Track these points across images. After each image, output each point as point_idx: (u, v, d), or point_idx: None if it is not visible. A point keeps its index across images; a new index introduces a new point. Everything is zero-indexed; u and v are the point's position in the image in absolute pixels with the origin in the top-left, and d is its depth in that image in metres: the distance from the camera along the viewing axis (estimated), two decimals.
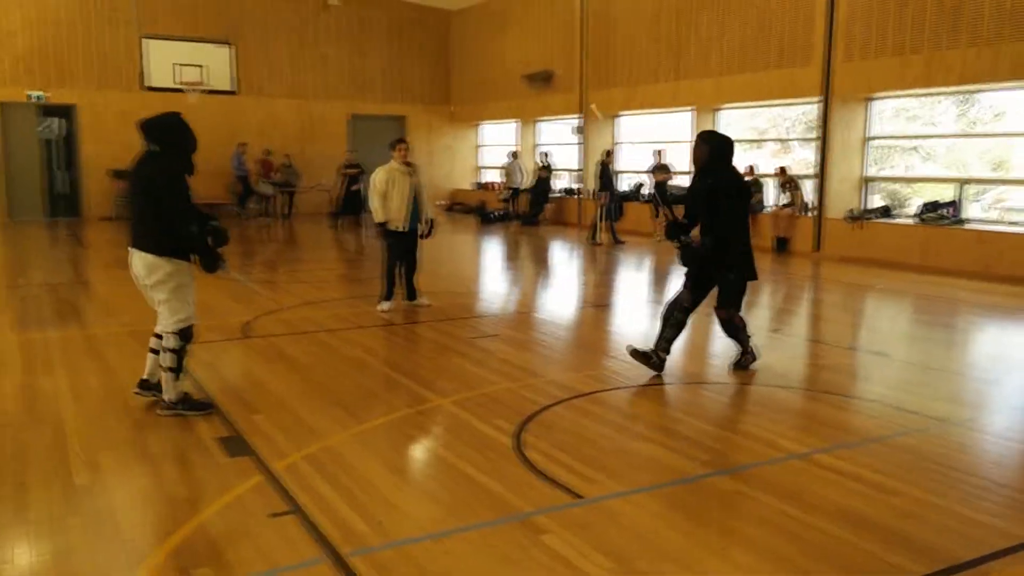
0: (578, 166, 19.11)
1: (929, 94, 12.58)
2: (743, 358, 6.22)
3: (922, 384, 6.00)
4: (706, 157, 5.93)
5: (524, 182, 19.77)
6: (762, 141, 16.48)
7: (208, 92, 17.73)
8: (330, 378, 6.00)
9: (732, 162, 6.07)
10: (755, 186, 14.26)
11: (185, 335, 5.01)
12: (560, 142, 20.31)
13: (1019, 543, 3.47)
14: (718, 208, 5.82)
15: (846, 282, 11.03)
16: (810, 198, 13.85)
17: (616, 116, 18.64)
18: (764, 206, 14.67)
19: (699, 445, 4.65)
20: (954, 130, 13.18)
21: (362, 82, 22.54)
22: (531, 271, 13.06)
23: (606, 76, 17.87)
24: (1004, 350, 7.46)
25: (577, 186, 19.44)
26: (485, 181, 23.96)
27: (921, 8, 11.66)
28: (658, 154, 15.86)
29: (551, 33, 19.63)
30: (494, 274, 12.84)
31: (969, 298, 9.73)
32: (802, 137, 15.45)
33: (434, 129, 23.72)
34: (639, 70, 16.94)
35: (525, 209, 19.53)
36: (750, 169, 14.58)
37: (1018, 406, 5.65)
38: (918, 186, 13.72)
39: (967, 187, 12.45)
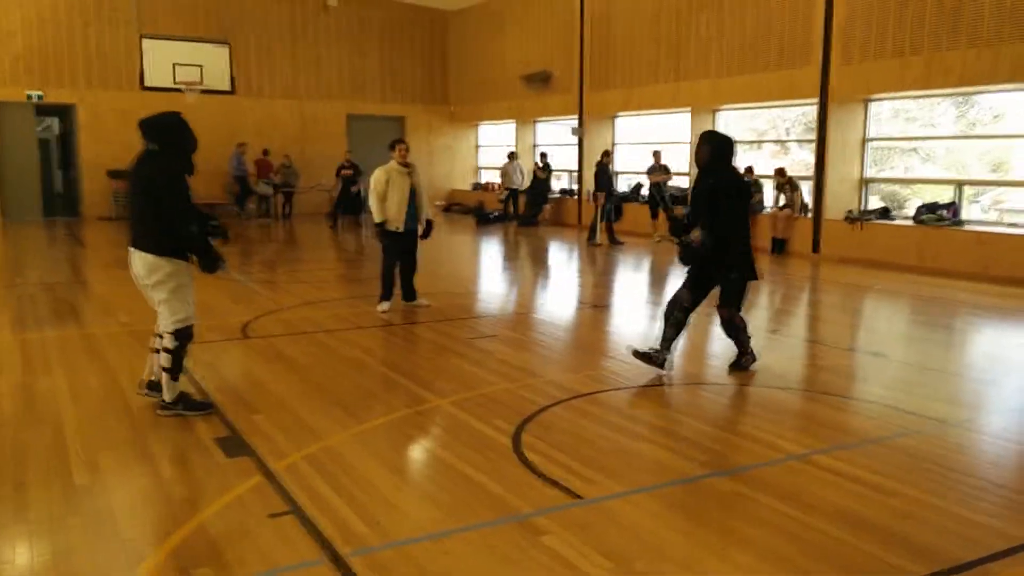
0: (576, 167, 19.12)
1: (928, 95, 12.59)
2: (742, 359, 6.23)
3: (920, 385, 6.01)
4: (707, 157, 5.95)
5: (523, 183, 19.78)
6: (761, 142, 16.49)
7: (206, 92, 17.72)
8: (329, 378, 6.01)
9: (733, 162, 6.10)
10: (754, 187, 14.27)
11: (183, 335, 5.00)
12: (558, 142, 20.32)
13: (1018, 544, 3.48)
14: (719, 208, 5.84)
15: (844, 283, 11.04)
16: (808, 199, 13.87)
17: (614, 117, 18.66)
18: (763, 207, 14.68)
19: (698, 446, 4.66)
20: (953, 131, 13.19)
21: (361, 82, 22.55)
22: (529, 272, 13.07)
23: (605, 77, 17.88)
24: (1002, 351, 7.47)
25: (575, 187, 19.46)
26: (484, 182, 23.98)
27: (920, 9, 11.67)
28: (656, 155, 15.87)
29: (550, 33, 19.64)
30: (493, 275, 12.84)
31: (967, 299, 9.75)
32: (801, 138, 15.48)
33: (433, 129, 23.73)
34: (638, 71, 16.95)
35: (523, 210, 19.54)
36: (749, 170, 14.58)
37: (1016, 407, 5.66)
38: (917, 187, 13.74)
39: (966, 188, 12.47)
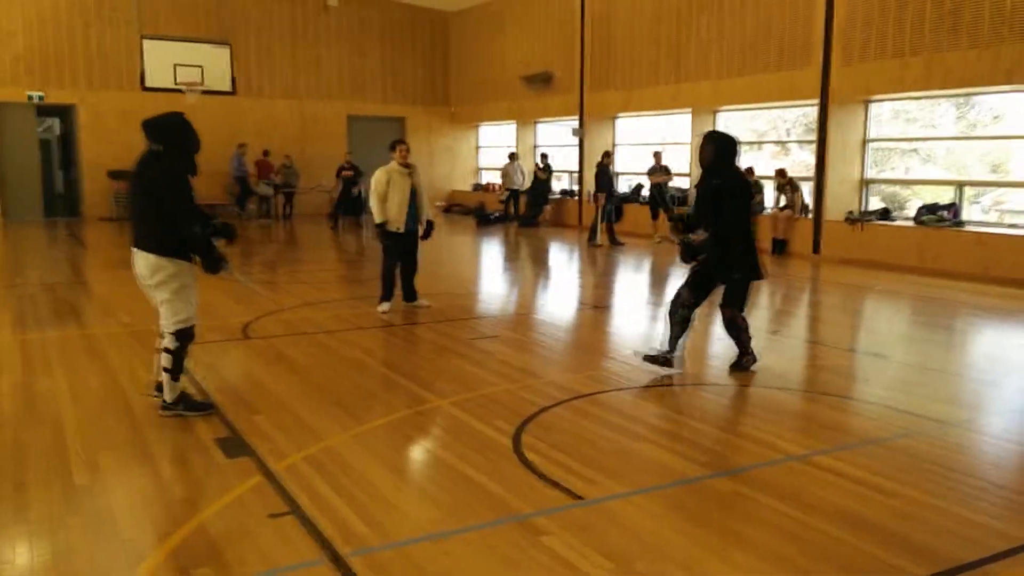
0: (577, 168, 19.12)
1: (928, 96, 12.59)
2: (743, 359, 6.23)
3: (921, 386, 6.01)
4: (711, 157, 5.96)
5: (523, 183, 19.78)
6: (761, 143, 16.49)
7: (207, 93, 17.72)
8: (330, 379, 6.00)
9: (737, 162, 6.11)
10: (755, 187, 14.25)
11: (185, 336, 4.99)
12: (559, 143, 20.33)
13: (1018, 544, 3.47)
14: (722, 208, 5.85)
15: (845, 284, 11.04)
16: (809, 200, 13.87)
17: (614, 117, 18.67)
18: (764, 208, 14.67)
19: (699, 446, 4.66)
20: (953, 132, 13.20)
21: (361, 83, 22.56)
22: (530, 272, 13.07)
23: (605, 78, 17.88)
24: (1002, 352, 7.47)
25: (575, 187, 19.46)
26: (484, 182, 23.98)
27: (920, 10, 11.67)
28: (657, 156, 15.87)
29: (550, 34, 19.65)
30: (493, 275, 12.84)
31: (968, 300, 9.74)
32: (801, 139, 15.48)
33: (433, 130, 23.74)
34: (638, 72, 16.95)
35: (524, 211, 19.54)
36: (749, 171, 14.56)
37: (1016, 408, 5.66)
38: (917, 188, 13.73)
39: (966, 189, 12.47)
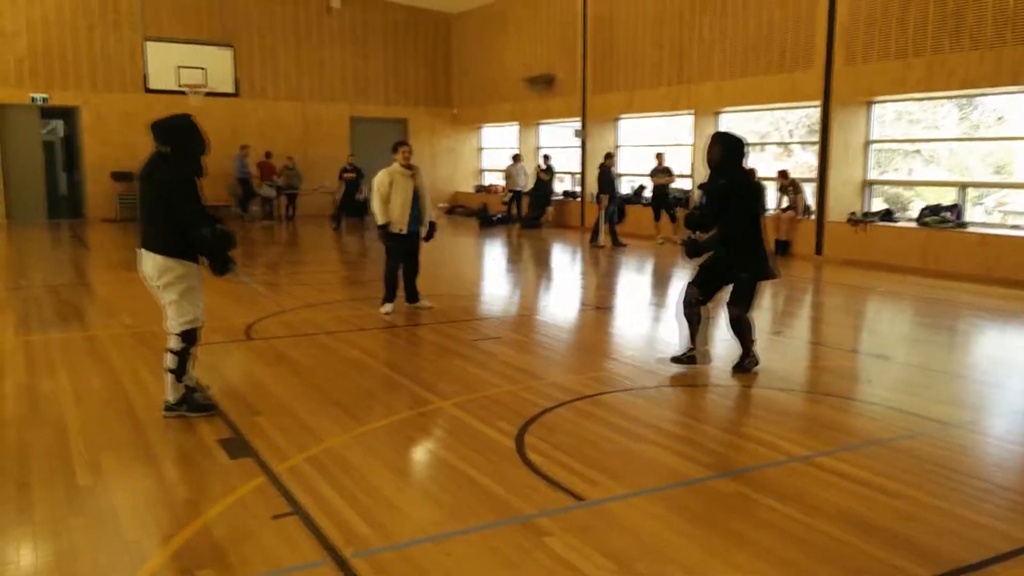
0: (579, 169, 19.12)
1: (931, 98, 12.58)
2: (745, 360, 6.22)
3: (923, 387, 6.00)
4: (718, 158, 5.98)
5: (527, 185, 19.78)
6: (764, 144, 16.48)
7: (210, 94, 17.76)
8: (331, 380, 6.01)
9: (744, 163, 6.12)
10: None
11: (190, 337, 5.00)
12: (561, 145, 20.33)
13: (1021, 546, 3.46)
14: (728, 208, 5.87)
15: (847, 285, 11.03)
16: (811, 201, 13.85)
17: (617, 119, 18.67)
18: (766, 209, 14.64)
19: (701, 448, 4.66)
20: (956, 134, 13.18)
21: (364, 85, 22.59)
22: (532, 274, 13.06)
23: (607, 79, 17.89)
24: (1005, 353, 7.46)
25: (577, 189, 19.45)
26: (487, 184, 23.98)
27: (923, 11, 11.67)
28: (659, 157, 15.86)
29: (552, 36, 19.65)
30: (495, 277, 12.84)
31: (970, 301, 9.73)
32: (804, 140, 15.47)
33: (436, 132, 23.77)
34: (641, 73, 16.95)
35: (527, 212, 19.54)
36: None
37: (1019, 409, 5.65)
38: (920, 189, 13.72)
39: (969, 190, 12.46)
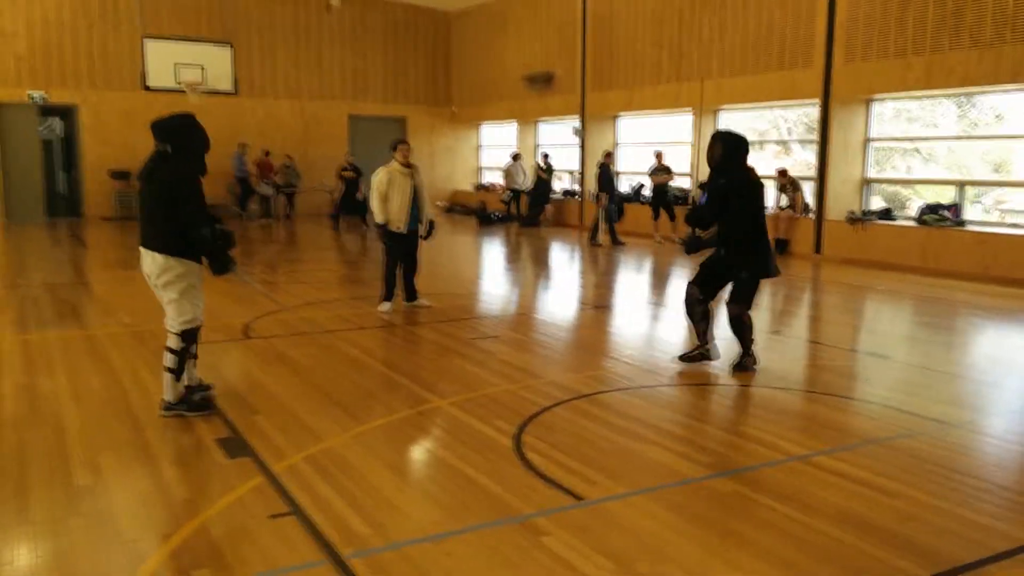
0: (578, 167, 19.11)
1: (930, 96, 12.58)
2: (744, 359, 6.22)
3: (922, 386, 6.00)
4: (719, 156, 5.97)
5: (526, 183, 19.77)
6: (763, 143, 16.47)
7: (209, 93, 17.73)
8: (330, 379, 6.00)
9: (746, 161, 6.11)
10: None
11: (189, 336, 5.00)
12: (560, 143, 20.32)
13: (1020, 545, 3.46)
14: (729, 207, 5.88)
15: (846, 283, 11.03)
16: (810, 200, 13.85)
17: (616, 117, 18.66)
18: (765, 207, 14.66)
19: (700, 447, 4.66)
20: (955, 132, 13.19)
21: (363, 83, 22.56)
22: (531, 272, 13.06)
23: (606, 77, 17.88)
24: (1004, 352, 7.46)
25: (576, 187, 19.44)
26: (486, 182, 23.97)
27: (922, 10, 11.66)
28: (659, 155, 15.86)
29: (551, 34, 19.64)
30: (494, 275, 12.83)
31: (969, 300, 9.73)
32: (803, 139, 15.46)
33: (435, 130, 23.75)
34: (640, 72, 16.94)
35: (526, 210, 19.53)
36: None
37: (1018, 408, 5.65)
38: (918, 188, 13.72)
39: (968, 189, 12.46)
